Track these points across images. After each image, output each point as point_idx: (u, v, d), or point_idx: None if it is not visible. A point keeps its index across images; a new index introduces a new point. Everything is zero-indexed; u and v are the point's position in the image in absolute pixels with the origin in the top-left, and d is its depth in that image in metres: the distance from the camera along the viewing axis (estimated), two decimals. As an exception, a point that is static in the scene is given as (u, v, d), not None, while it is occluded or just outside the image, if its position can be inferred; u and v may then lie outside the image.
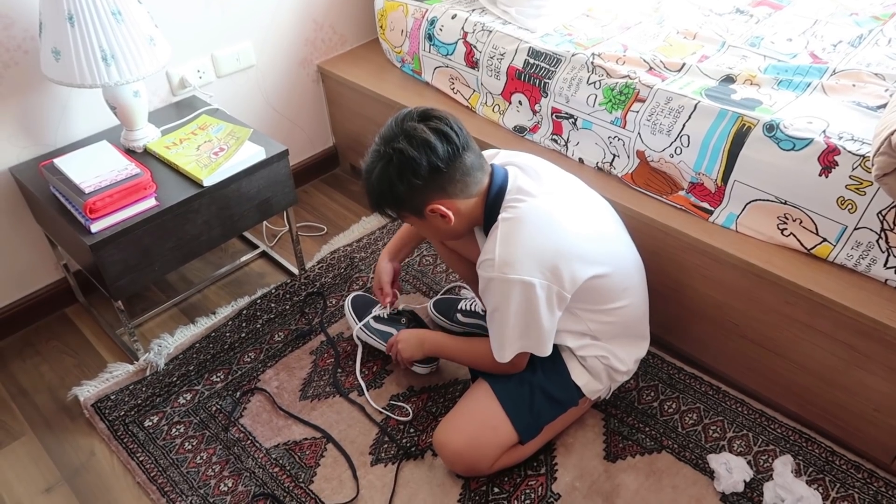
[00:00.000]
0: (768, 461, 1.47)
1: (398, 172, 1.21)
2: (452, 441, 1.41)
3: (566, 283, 1.25)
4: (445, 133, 1.21)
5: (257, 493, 1.46)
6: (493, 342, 1.34)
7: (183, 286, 2.01)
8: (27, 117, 1.70)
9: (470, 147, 1.25)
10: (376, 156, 1.25)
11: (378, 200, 1.29)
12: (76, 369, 1.78)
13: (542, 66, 1.76)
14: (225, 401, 1.66)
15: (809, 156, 1.36)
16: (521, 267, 1.22)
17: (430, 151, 1.20)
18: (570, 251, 1.25)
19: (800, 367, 1.47)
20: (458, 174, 1.24)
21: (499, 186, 1.29)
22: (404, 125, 1.22)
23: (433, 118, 1.23)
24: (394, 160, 1.21)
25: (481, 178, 1.28)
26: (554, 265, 1.24)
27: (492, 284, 1.25)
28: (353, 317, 1.73)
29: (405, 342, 1.56)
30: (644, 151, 1.61)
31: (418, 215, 1.29)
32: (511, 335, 1.29)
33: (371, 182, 1.27)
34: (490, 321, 1.32)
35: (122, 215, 1.54)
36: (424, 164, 1.20)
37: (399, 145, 1.20)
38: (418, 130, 1.21)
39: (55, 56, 1.49)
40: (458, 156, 1.23)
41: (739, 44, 1.73)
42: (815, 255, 1.43)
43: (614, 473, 1.47)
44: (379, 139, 1.25)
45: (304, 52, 2.22)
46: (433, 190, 1.24)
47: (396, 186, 1.23)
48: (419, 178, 1.21)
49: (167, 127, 1.82)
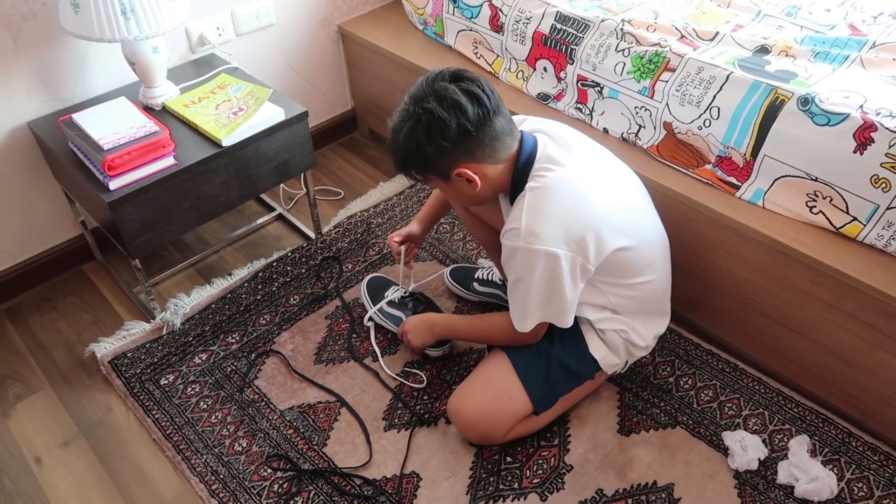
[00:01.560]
0: (784, 440, 1.46)
1: (426, 133, 1.19)
2: (467, 409, 1.41)
3: (591, 255, 1.23)
4: (477, 95, 1.18)
5: (271, 453, 1.47)
6: (513, 312, 1.33)
7: (199, 246, 2.01)
8: (45, 71, 1.68)
9: (501, 111, 1.22)
10: (405, 115, 1.22)
11: (404, 161, 1.26)
12: (93, 326, 1.79)
13: (569, 32, 1.72)
14: (240, 362, 1.67)
15: (844, 132, 1.32)
16: (547, 238, 1.20)
17: (461, 113, 1.17)
18: (596, 223, 1.23)
19: (821, 347, 1.45)
20: (486, 138, 1.21)
21: (528, 154, 1.26)
22: (435, 85, 1.19)
23: (465, 79, 1.20)
24: (423, 120, 1.18)
25: (510, 144, 1.26)
26: (580, 237, 1.22)
27: (516, 254, 1.24)
28: (367, 300, 1.73)
29: (414, 330, 1.55)
30: (671, 123, 1.57)
31: (444, 178, 1.26)
32: (533, 305, 1.28)
33: (398, 142, 1.24)
34: (512, 290, 1.30)
35: (140, 173, 1.52)
36: (454, 127, 1.17)
37: (429, 105, 1.17)
38: (449, 91, 1.17)
39: (74, 8, 1.47)
40: (489, 119, 1.20)
41: (775, 13, 1.67)
42: (843, 234, 1.39)
43: (627, 447, 1.47)
44: (408, 98, 1.22)
45: (324, 11, 2.18)
46: (461, 153, 1.22)
47: (424, 148, 1.20)
48: (447, 141, 1.18)
49: (186, 85, 1.79)
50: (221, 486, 1.42)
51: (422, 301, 1.71)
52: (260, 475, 1.44)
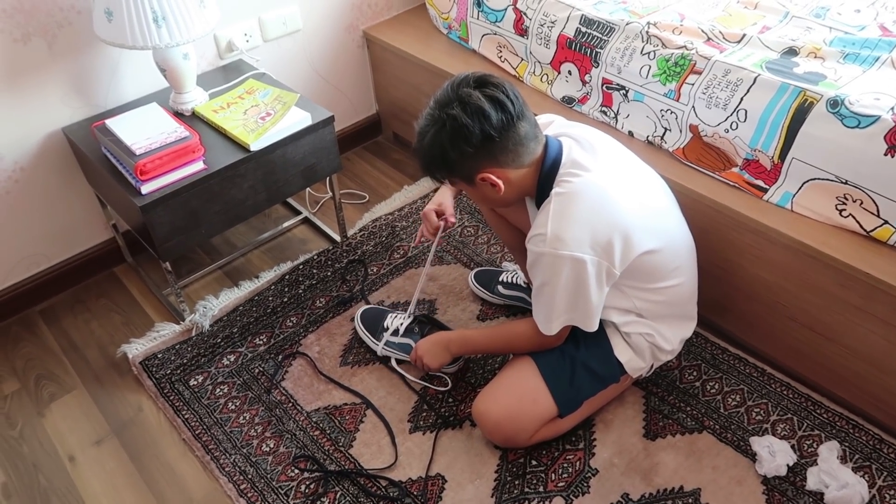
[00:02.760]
0: (813, 446, 1.45)
1: (450, 139, 1.20)
2: (492, 411, 1.41)
3: (617, 260, 1.23)
4: (500, 101, 1.19)
5: (298, 454, 1.49)
6: (538, 315, 1.33)
7: (227, 249, 2.04)
8: (79, 78, 1.73)
9: (525, 116, 1.23)
10: (429, 120, 1.23)
11: (429, 164, 1.28)
12: (124, 327, 1.83)
13: (594, 35, 1.71)
14: (267, 363, 1.69)
15: (875, 134, 1.30)
16: (573, 243, 1.20)
17: (484, 119, 1.18)
18: (623, 228, 1.23)
19: (851, 352, 1.43)
20: (510, 143, 1.22)
21: (553, 159, 1.27)
22: (459, 91, 1.20)
23: (489, 85, 1.20)
24: (447, 126, 1.20)
25: (535, 149, 1.26)
26: (606, 242, 1.22)
27: (542, 259, 1.24)
28: (368, 336, 1.69)
29: (429, 352, 1.51)
30: (697, 126, 1.56)
31: (468, 182, 1.27)
32: (558, 309, 1.28)
33: (423, 146, 1.25)
34: (537, 295, 1.31)
35: (171, 178, 1.55)
36: (477, 133, 1.18)
37: (453, 111, 1.18)
38: (473, 97, 1.18)
39: (108, 16, 1.50)
40: (512, 125, 1.20)
41: (803, 14, 1.65)
42: (873, 238, 1.37)
43: (653, 451, 1.46)
44: (433, 103, 1.24)
45: (350, 16, 2.20)
46: (484, 158, 1.22)
47: (448, 153, 1.22)
48: (471, 146, 1.20)
49: (215, 90, 1.82)
50: (250, 486, 1.44)
51: (426, 322, 1.68)
52: (287, 475, 1.46)
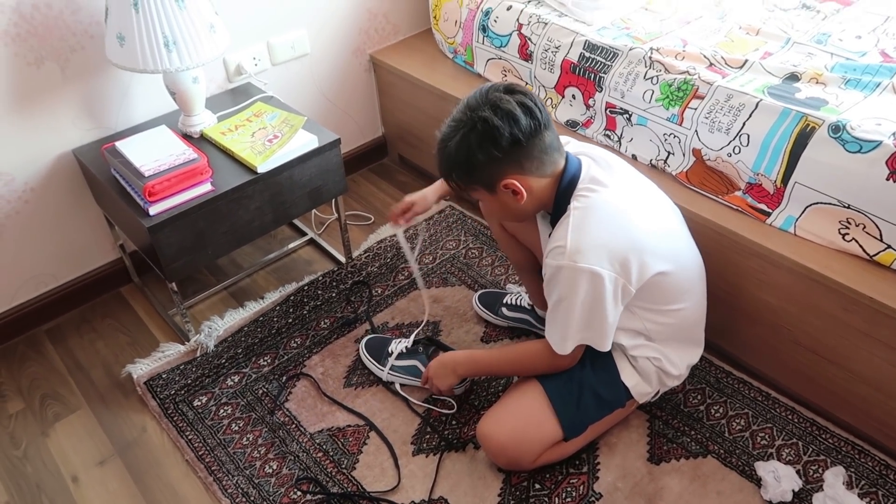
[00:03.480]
0: (818, 472, 1.44)
1: (479, 141, 1.21)
2: (496, 434, 1.41)
3: (633, 277, 1.24)
4: (529, 107, 1.21)
5: (301, 476, 1.49)
6: (552, 334, 1.32)
7: (233, 270, 2.05)
8: (90, 101, 1.75)
9: (550, 126, 1.25)
10: (458, 124, 1.24)
11: (451, 168, 1.27)
12: (130, 347, 1.84)
13: (597, 60, 1.74)
14: (271, 384, 1.69)
15: (877, 159, 1.31)
16: (592, 256, 1.21)
17: (514, 123, 1.19)
18: (639, 246, 1.24)
19: (856, 377, 1.43)
20: (536, 150, 1.23)
21: (572, 174, 1.28)
22: (489, 95, 1.22)
23: (518, 92, 1.23)
24: (477, 127, 1.21)
25: (557, 160, 1.28)
26: (624, 258, 1.22)
27: (560, 273, 1.23)
28: (373, 363, 1.69)
29: (437, 375, 1.51)
30: (700, 150, 1.58)
31: (490, 189, 1.27)
32: (575, 326, 1.27)
33: (448, 149, 1.25)
34: (553, 311, 1.30)
35: (179, 199, 1.57)
36: (507, 135, 1.19)
37: (484, 114, 1.20)
38: (503, 101, 1.20)
39: (120, 41, 1.53)
40: (539, 132, 1.22)
41: (805, 41, 1.67)
42: (877, 262, 1.38)
43: (658, 476, 1.45)
44: (463, 107, 1.25)
45: (357, 41, 2.23)
46: (510, 164, 1.23)
47: (475, 155, 1.22)
48: (499, 150, 1.21)
49: (223, 113, 1.85)
50: (252, 508, 1.44)
51: (430, 343, 1.69)
52: (290, 498, 1.45)
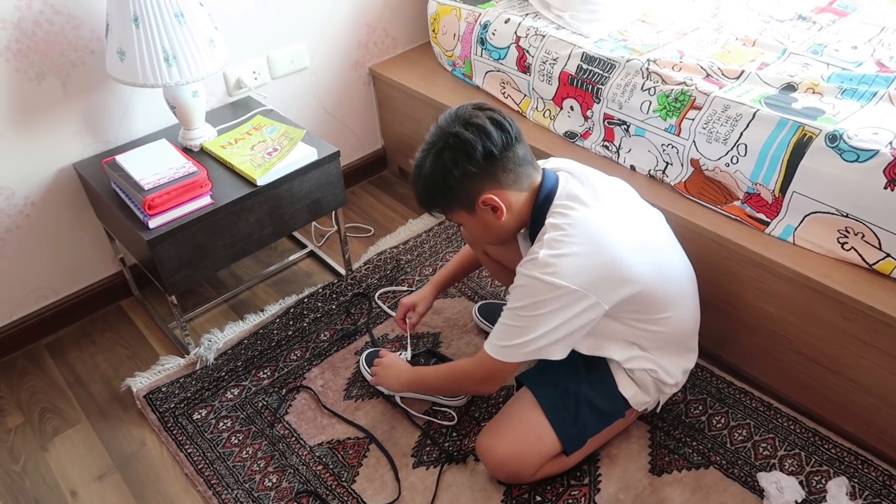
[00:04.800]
0: (821, 482, 1.43)
1: (453, 157, 1.22)
2: (496, 447, 1.40)
3: (607, 295, 1.23)
4: (499, 122, 1.23)
5: (301, 489, 1.48)
6: (500, 339, 1.29)
7: (233, 283, 2.06)
8: (91, 115, 1.76)
9: (521, 140, 1.27)
10: (430, 145, 1.26)
11: (430, 191, 1.28)
12: (129, 360, 1.83)
13: (595, 72, 1.75)
14: (271, 397, 1.69)
15: (874, 168, 1.31)
16: (564, 274, 1.20)
17: (486, 136, 1.21)
18: (617, 262, 1.23)
19: (857, 386, 1.42)
20: (510, 164, 1.25)
21: (549, 190, 1.28)
22: (459, 112, 1.25)
23: (487, 109, 1.26)
24: (450, 142, 1.22)
25: (532, 173, 1.29)
26: (598, 276, 1.21)
27: (530, 285, 1.23)
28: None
29: (384, 374, 1.55)
30: (698, 160, 1.58)
31: (469, 209, 1.28)
32: (530, 336, 1.24)
33: (423, 173, 1.27)
34: (508, 318, 1.27)
35: (178, 212, 1.58)
36: (479, 149, 1.21)
37: (455, 129, 1.22)
38: (474, 117, 1.23)
39: (120, 56, 1.54)
40: (512, 145, 1.24)
41: (801, 51, 1.68)
42: (876, 271, 1.38)
43: (659, 487, 1.44)
44: (434, 128, 1.27)
45: (356, 54, 2.25)
46: (486, 179, 1.24)
47: (451, 172, 1.23)
48: (473, 165, 1.22)
49: (223, 126, 1.86)
50: (251, 522, 1.43)
51: (431, 355, 1.71)
52: (289, 511, 1.45)
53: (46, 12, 1.59)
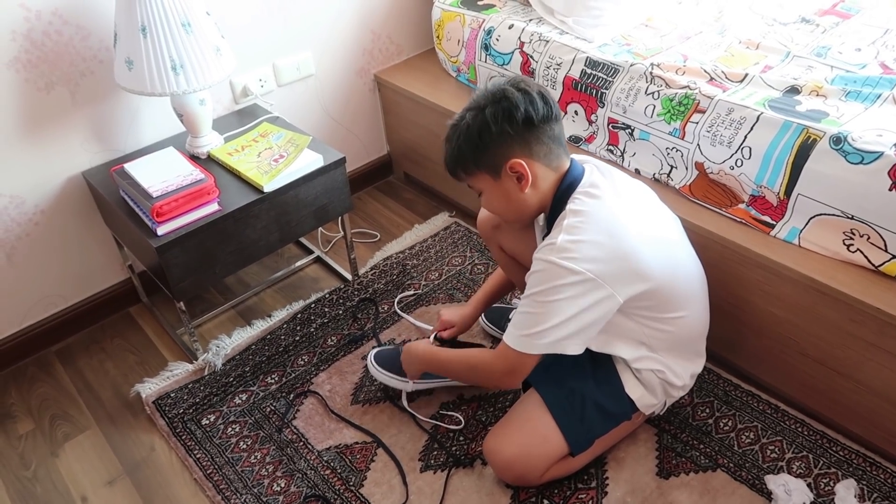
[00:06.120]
0: (830, 485, 1.42)
1: (494, 114, 1.24)
2: (503, 450, 1.41)
3: (622, 285, 1.23)
4: (545, 96, 1.26)
5: (309, 494, 1.49)
6: (519, 328, 1.28)
7: (240, 289, 2.07)
8: (100, 124, 1.78)
9: (560, 121, 1.30)
10: (473, 104, 1.28)
11: (462, 148, 1.29)
12: (138, 367, 1.85)
13: (599, 77, 1.75)
14: (279, 402, 1.69)
15: (879, 169, 1.31)
16: (581, 260, 1.20)
17: (530, 102, 1.24)
18: (633, 254, 1.23)
19: (865, 388, 1.42)
20: (545, 136, 1.27)
21: (574, 177, 1.30)
22: (511, 79, 1.28)
23: (535, 84, 1.29)
24: (496, 100, 1.24)
25: (562, 155, 1.31)
26: (614, 266, 1.22)
27: (547, 269, 1.22)
28: (393, 376, 1.63)
29: (405, 362, 1.58)
30: (703, 163, 1.58)
31: (495, 173, 1.29)
32: (548, 325, 1.23)
33: (460, 127, 1.28)
34: (527, 306, 1.26)
35: (186, 219, 1.59)
36: (521, 112, 1.23)
37: (504, 87, 1.25)
38: (524, 83, 1.26)
39: (128, 65, 1.56)
40: (551, 119, 1.27)
41: (805, 54, 1.69)
42: (883, 273, 1.38)
43: (667, 490, 1.45)
44: (482, 90, 1.29)
45: (361, 61, 2.26)
46: (520, 144, 1.26)
47: (488, 130, 1.24)
48: (512, 127, 1.23)
49: (230, 134, 1.87)
50: (260, 527, 1.44)
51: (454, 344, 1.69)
52: (298, 516, 1.46)
53: (55, 23, 1.61)
